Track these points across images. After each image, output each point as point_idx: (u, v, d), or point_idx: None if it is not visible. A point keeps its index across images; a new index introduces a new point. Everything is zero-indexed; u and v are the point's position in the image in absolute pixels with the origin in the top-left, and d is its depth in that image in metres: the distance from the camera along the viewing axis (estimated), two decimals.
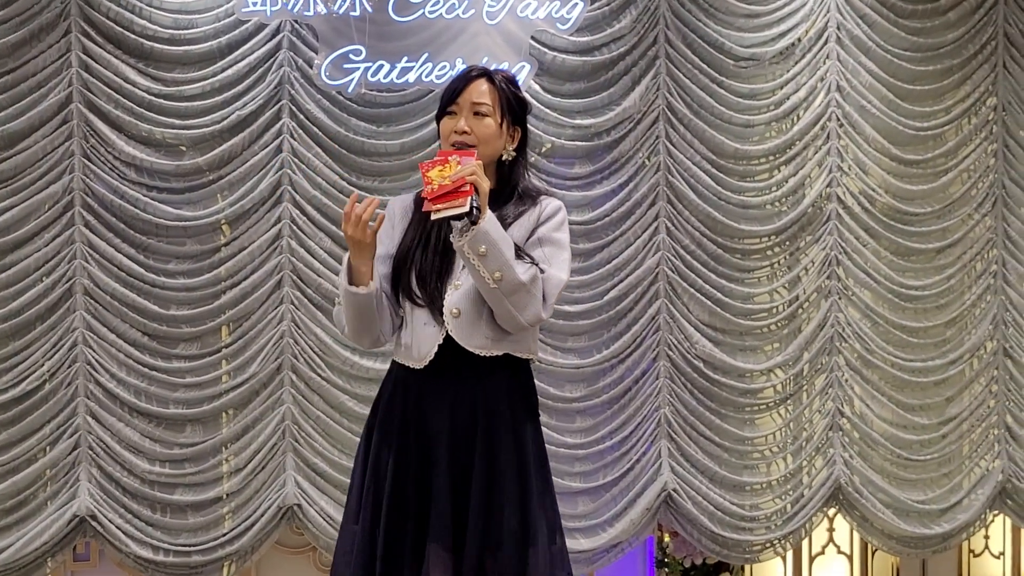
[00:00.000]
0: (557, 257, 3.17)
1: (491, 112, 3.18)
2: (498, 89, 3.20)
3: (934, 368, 5.95)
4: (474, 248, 3.02)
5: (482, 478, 3.15)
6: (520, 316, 3.10)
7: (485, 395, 3.19)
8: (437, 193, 2.99)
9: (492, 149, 3.19)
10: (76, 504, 5.30)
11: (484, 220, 3.01)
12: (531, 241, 3.18)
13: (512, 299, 3.07)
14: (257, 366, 5.42)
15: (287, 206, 5.42)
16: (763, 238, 5.80)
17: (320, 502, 5.45)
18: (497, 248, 3.02)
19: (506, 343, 3.19)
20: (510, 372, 3.23)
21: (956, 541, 6.06)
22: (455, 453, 3.18)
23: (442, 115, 3.22)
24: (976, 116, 5.95)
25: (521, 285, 3.06)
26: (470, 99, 3.17)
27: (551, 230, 3.19)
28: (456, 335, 3.15)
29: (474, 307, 3.15)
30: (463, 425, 3.18)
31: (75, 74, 5.25)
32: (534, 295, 3.09)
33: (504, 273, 3.04)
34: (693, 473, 5.70)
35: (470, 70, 3.24)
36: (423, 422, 3.21)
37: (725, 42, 5.67)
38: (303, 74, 5.39)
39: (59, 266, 5.30)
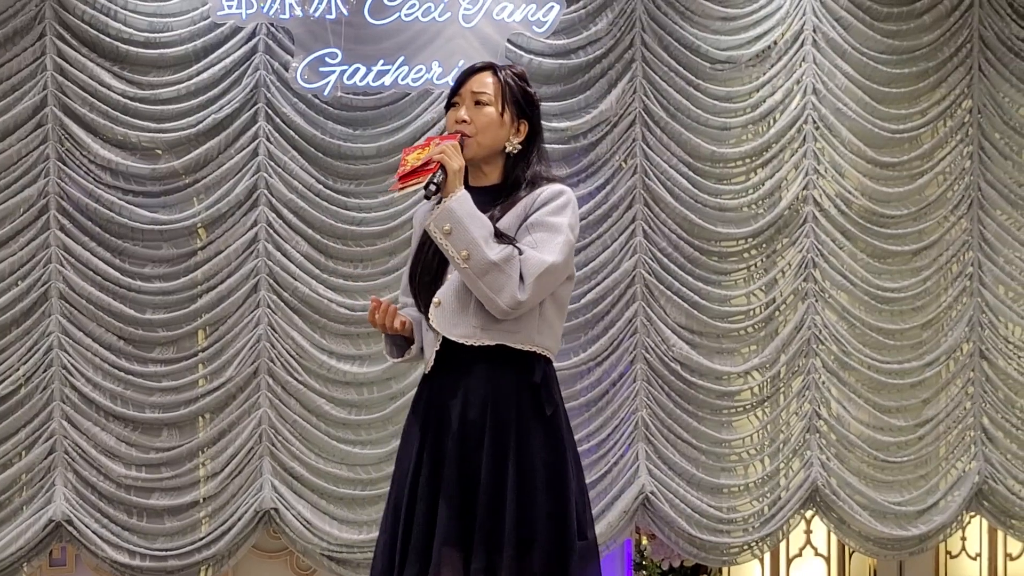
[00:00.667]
0: (549, 241, 3.11)
1: (491, 101, 3.18)
2: (501, 81, 3.21)
3: (910, 370, 5.97)
4: (439, 226, 3.02)
5: (488, 479, 3.14)
6: (497, 298, 3.06)
7: (492, 395, 3.17)
8: (406, 172, 3.04)
9: (492, 138, 3.18)
10: (52, 509, 5.28)
11: (451, 198, 3.02)
12: (522, 228, 3.14)
13: (485, 280, 3.04)
14: (234, 370, 5.41)
15: (263, 210, 5.41)
16: (740, 240, 5.81)
17: (297, 506, 5.44)
18: (462, 225, 3.01)
19: (498, 332, 3.14)
20: (516, 370, 3.20)
21: (933, 542, 6.08)
22: (464, 453, 3.17)
23: (446, 109, 3.24)
24: (952, 119, 5.97)
25: (492, 264, 3.02)
26: (471, 89, 3.19)
27: (545, 214, 3.15)
28: (437, 325, 3.15)
29: (458, 297, 3.14)
30: (471, 425, 3.17)
31: (50, 77, 5.23)
32: (509, 275, 3.04)
33: (471, 251, 3.02)
34: (670, 476, 5.71)
35: (476, 63, 3.26)
36: (440, 423, 3.22)
37: (701, 45, 5.68)
38: (279, 77, 5.38)
39: (34, 270, 5.28)
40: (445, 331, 3.15)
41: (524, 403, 3.20)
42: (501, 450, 3.17)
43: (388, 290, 5.49)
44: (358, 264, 5.53)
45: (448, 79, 5.39)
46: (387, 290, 5.49)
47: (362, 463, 5.53)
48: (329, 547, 5.45)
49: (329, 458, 5.50)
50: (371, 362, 5.52)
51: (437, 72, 5.38)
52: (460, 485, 3.17)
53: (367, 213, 5.48)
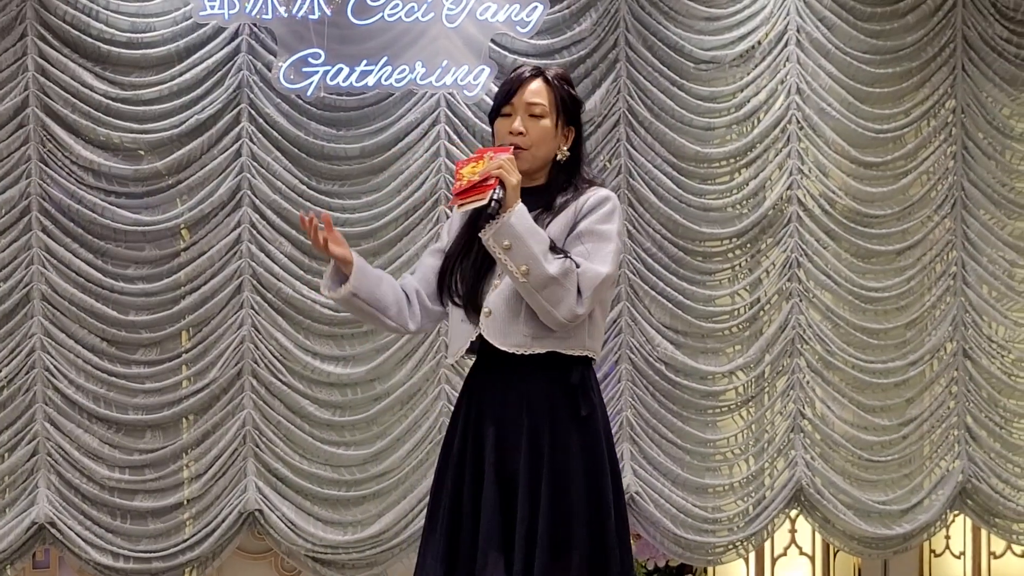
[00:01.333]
0: (600, 251, 3.12)
1: (546, 112, 3.18)
2: (553, 88, 3.19)
3: (894, 369, 5.98)
4: (498, 241, 3.02)
5: (525, 482, 3.16)
6: (555, 311, 3.07)
7: (530, 398, 3.18)
8: (463, 188, 3.02)
9: (547, 150, 3.19)
10: (35, 511, 5.25)
11: (509, 213, 3.00)
12: (572, 236, 3.15)
13: (543, 293, 3.05)
14: (217, 371, 5.40)
15: (247, 210, 5.40)
16: (724, 240, 5.81)
17: (281, 507, 5.43)
18: (522, 241, 3.01)
19: (551, 340, 3.15)
20: (557, 373, 3.20)
21: (917, 541, 6.09)
22: (502, 455, 3.19)
23: (496, 115, 3.22)
24: (935, 119, 5.98)
25: (551, 279, 3.03)
26: (525, 99, 3.17)
27: (594, 222, 3.15)
28: (489, 335, 3.16)
29: (508, 306, 3.15)
30: (510, 427, 3.19)
31: (31, 78, 5.20)
32: (568, 289, 3.05)
33: (531, 266, 3.02)
34: (655, 475, 5.71)
35: (524, 69, 3.23)
36: (479, 424, 3.24)
37: (685, 45, 5.68)
38: (262, 78, 5.37)
39: (16, 271, 5.25)
40: (497, 341, 3.16)
41: (559, 405, 3.21)
42: (537, 452, 3.18)
43: None
44: None
45: (431, 79, 5.39)
46: None
47: (346, 464, 5.51)
48: (313, 548, 5.44)
49: (313, 459, 5.49)
50: (355, 363, 5.51)
51: (420, 72, 5.37)
52: (499, 488, 3.18)
53: (351, 214, 5.47)
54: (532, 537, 3.15)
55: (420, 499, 5.51)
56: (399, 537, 5.52)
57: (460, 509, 3.23)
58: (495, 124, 3.23)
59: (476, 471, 3.23)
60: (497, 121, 3.22)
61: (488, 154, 3.06)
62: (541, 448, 3.18)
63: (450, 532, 3.23)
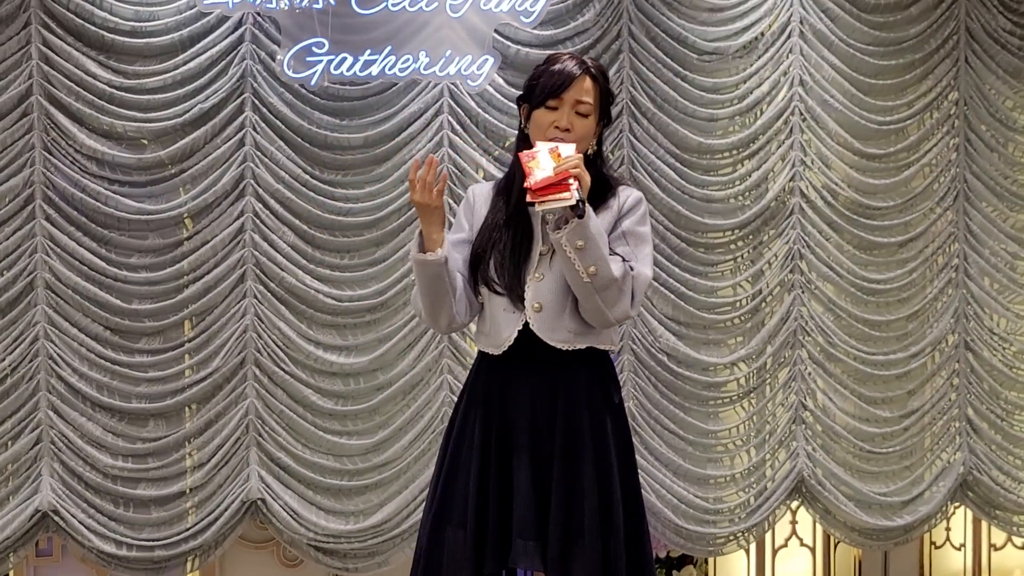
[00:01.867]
0: (641, 252, 3.20)
1: (591, 111, 3.23)
2: (599, 86, 3.25)
3: (896, 361, 5.99)
4: (572, 242, 3.05)
5: (563, 469, 3.20)
6: (609, 312, 3.12)
7: (566, 386, 3.23)
8: (540, 184, 3.01)
9: (585, 146, 3.23)
10: (38, 499, 5.26)
11: (588, 214, 3.04)
12: (615, 235, 3.20)
13: (603, 295, 3.09)
14: (220, 360, 5.40)
15: (250, 200, 5.40)
16: (727, 232, 5.82)
17: (284, 496, 5.44)
18: (595, 242, 3.05)
19: (589, 337, 3.22)
20: (589, 363, 3.26)
21: (918, 533, 6.10)
22: (536, 444, 3.23)
23: (538, 105, 3.22)
24: (938, 111, 5.98)
25: (614, 280, 3.09)
26: (574, 97, 3.20)
27: (635, 223, 3.22)
28: (538, 329, 3.20)
29: (557, 301, 3.19)
30: (543, 416, 3.23)
31: (35, 66, 5.20)
32: (624, 292, 3.12)
33: (599, 268, 3.06)
34: (657, 466, 5.72)
35: (573, 65, 3.23)
36: (505, 412, 3.26)
37: (689, 36, 5.68)
38: (266, 67, 5.36)
39: (20, 260, 5.25)
40: (545, 336, 3.20)
41: (595, 394, 3.25)
42: (574, 440, 3.21)
43: (375, 281, 5.50)
44: (345, 255, 5.51)
45: (435, 69, 5.38)
46: (373, 281, 5.50)
47: (349, 453, 5.52)
48: (316, 537, 5.45)
49: (316, 448, 5.50)
50: (358, 353, 5.51)
51: (424, 62, 5.36)
52: (532, 477, 3.21)
53: (354, 203, 5.47)
54: (569, 522, 3.18)
55: (422, 489, 5.52)
56: (401, 527, 5.52)
57: (486, 498, 3.24)
58: (536, 113, 3.24)
59: (502, 459, 3.24)
60: (539, 112, 3.23)
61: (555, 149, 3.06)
62: (579, 433, 3.21)
63: (477, 521, 3.24)
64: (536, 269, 3.22)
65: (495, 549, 3.25)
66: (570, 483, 3.21)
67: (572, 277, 3.11)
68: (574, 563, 3.22)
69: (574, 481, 3.21)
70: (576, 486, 3.21)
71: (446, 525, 3.31)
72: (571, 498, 3.21)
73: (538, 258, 3.23)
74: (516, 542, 3.21)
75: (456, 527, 3.29)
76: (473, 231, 3.34)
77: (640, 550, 3.35)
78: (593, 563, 3.20)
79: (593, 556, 3.20)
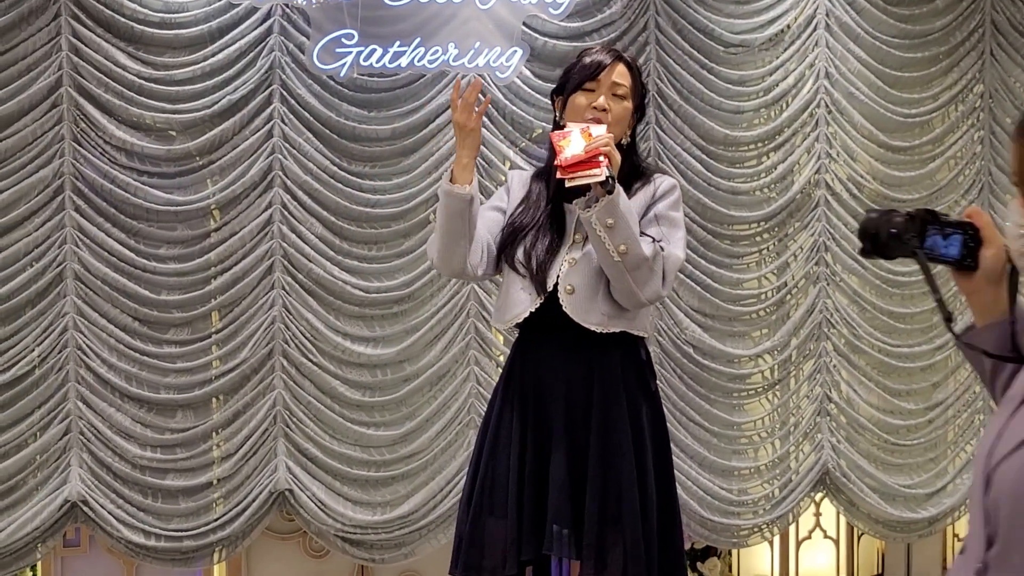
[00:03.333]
0: (673, 235, 3.24)
1: (628, 95, 3.29)
2: (634, 74, 3.32)
3: (921, 354, 6.00)
4: (602, 220, 3.07)
5: (598, 456, 3.21)
6: (640, 292, 3.14)
7: (601, 372, 3.25)
8: (571, 162, 3.04)
9: (620, 132, 3.27)
10: (67, 489, 5.27)
11: (617, 193, 3.06)
12: (647, 218, 3.24)
13: (634, 274, 3.11)
14: (248, 351, 5.41)
15: (278, 191, 5.41)
16: (752, 224, 5.82)
17: (311, 487, 5.45)
18: (624, 220, 3.07)
19: (623, 320, 3.23)
20: (624, 349, 3.27)
21: (941, 525, 6.11)
22: (571, 430, 3.25)
23: (574, 90, 3.28)
24: (963, 103, 5.99)
25: (644, 260, 3.10)
26: (611, 79, 3.26)
27: (667, 208, 3.26)
28: (571, 312, 3.22)
29: (589, 284, 3.21)
30: (578, 402, 3.25)
31: (65, 57, 5.21)
32: (655, 271, 3.14)
33: (629, 246, 3.08)
34: (682, 458, 5.72)
35: (606, 54, 3.31)
36: (541, 399, 3.27)
37: (715, 28, 5.69)
38: (294, 59, 5.37)
39: (49, 251, 5.26)
40: (579, 318, 3.22)
41: (631, 381, 3.28)
42: (610, 427, 3.22)
43: (402, 272, 5.51)
44: (372, 246, 5.52)
45: (464, 61, 5.39)
46: (401, 272, 5.51)
47: (376, 444, 5.54)
48: (343, 528, 5.46)
49: (343, 439, 5.51)
50: (385, 344, 5.52)
51: (453, 54, 5.37)
52: (568, 463, 3.22)
53: (382, 195, 5.48)
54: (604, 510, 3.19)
55: (449, 480, 5.53)
56: (427, 518, 5.54)
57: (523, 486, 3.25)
58: (571, 98, 3.27)
59: (539, 447, 3.25)
60: (576, 95, 3.28)
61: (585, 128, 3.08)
62: (615, 419, 3.22)
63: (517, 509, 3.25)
64: (568, 253, 3.23)
65: (531, 536, 3.26)
66: (605, 470, 3.22)
67: (603, 257, 3.13)
68: (609, 552, 3.22)
69: (609, 468, 3.22)
70: (612, 473, 3.22)
71: (487, 515, 3.32)
72: (607, 486, 3.21)
73: (571, 244, 3.24)
74: (550, 529, 3.22)
75: (498, 517, 3.30)
76: (508, 206, 3.38)
77: (672, 540, 3.36)
78: (628, 552, 3.21)
79: (629, 545, 3.21)
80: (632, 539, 3.21)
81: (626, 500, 3.21)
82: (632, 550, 3.21)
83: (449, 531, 5.50)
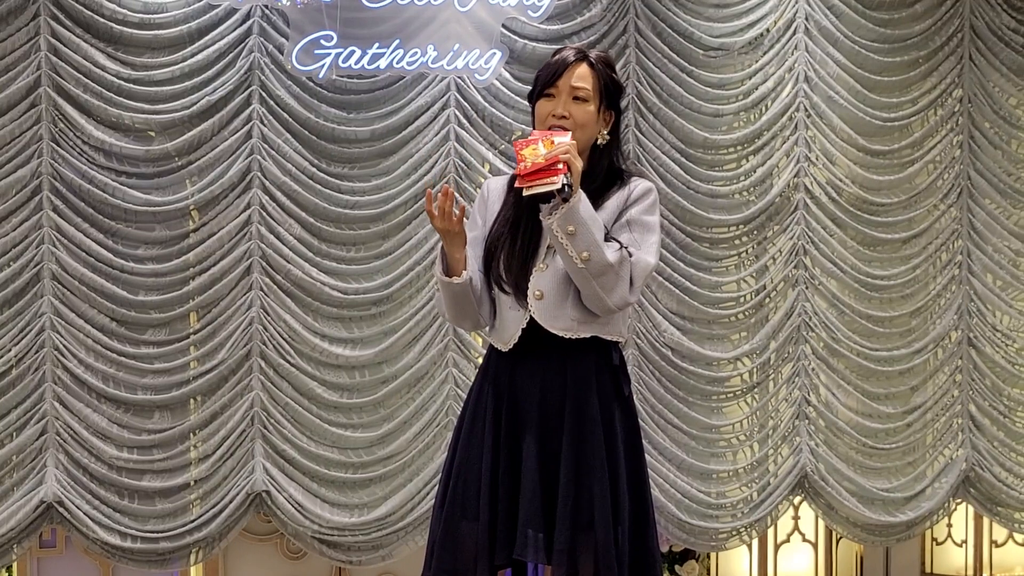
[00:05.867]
0: (646, 240, 3.18)
1: (590, 97, 3.22)
2: (597, 73, 3.24)
3: (899, 357, 6.00)
4: (563, 227, 3.05)
5: (570, 460, 3.20)
6: (607, 298, 3.11)
7: (574, 378, 3.23)
8: (530, 170, 3.03)
9: (589, 134, 3.23)
10: (43, 490, 5.26)
11: (575, 199, 3.04)
12: (619, 223, 3.19)
13: (600, 280, 3.09)
14: (226, 352, 5.40)
15: (256, 192, 5.40)
16: (731, 227, 5.83)
17: (289, 489, 5.44)
18: (586, 227, 3.04)
19: (594, 325, 3.21)
20: (597, 354, 3.25)
21: (920, 529, 6.12)
22: (544, 435, 3.23)
23: (538, 97, 3.25)
24: (942, 108, 6.01)
25: (609, 266, 3.07)
26: (570, 83, 3.21)
27: (641, 212, 3.20)
28: (539, 317, 3.20)
29: (559, 290, 3.19)
30: (552, 407, 3.23)
31: (44, 58, 5.21)
32: (622, 277, 3.10)
33: (592, 253, 3.06)
34: (660, 460, 5.73)
35: (569, 52, 3.27)
36: (514, 404, 3.26)
37: (695, 32, 5.70)
38: (273, 60, 5.37)
39: (27, 251, 5.25)
40: (547, 324, 3.20)
41: (604, 385, 3.25)
42: (583, 432, 3.21)
43: (381, 274, 5.51)
44: (351, 247, 5.52)
45: (443, 63, 5.40)
46: (379, 274, 5.51)
47: (354, 446, 5.53)
48: (320, 530, 5.45)
49: (321, 441, 5.50)
50: (363, 345, 5.52)
51: (432, 56, 5.38)
52: (540, 467, 3.21)
53: (360, 196, 5.48)
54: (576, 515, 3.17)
55: (427, 482, 5.53)
56: (405, 520, 5.53)
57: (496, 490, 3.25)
58: (536, 105, 3.26)
59: (513, 452, 3.24)
60: (539, 102, 3.25)
61: (547, 136, 3.08)
62: (587, 424, 3.21)
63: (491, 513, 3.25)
64: (542, 261, 3.23)
65: (505, 540, 3.25)
66: (578, 475, 3.21)
67: (568, 264, 3.12)
68: (581, 555, 3.22)
69: (581, 473, 3.21)
70: (583, 478, 3.21)
71: (460, 517, 3.31)
72: (579, 490, 3.20)
73: (545, 249, 3.23)
74: (523, 533, 3.21)
75: (471, 520, 3.29)
76: (487, 227, 3.35)
77: (645, 544, 3.34)
78: (600, 556, 3.20)
79: (600, 550, 3.20)
80: (604, 544, 3.20)
81: (598, 505, 3.19)
82: (604, 555, 3.20)
83: (427, 532, 5.50)
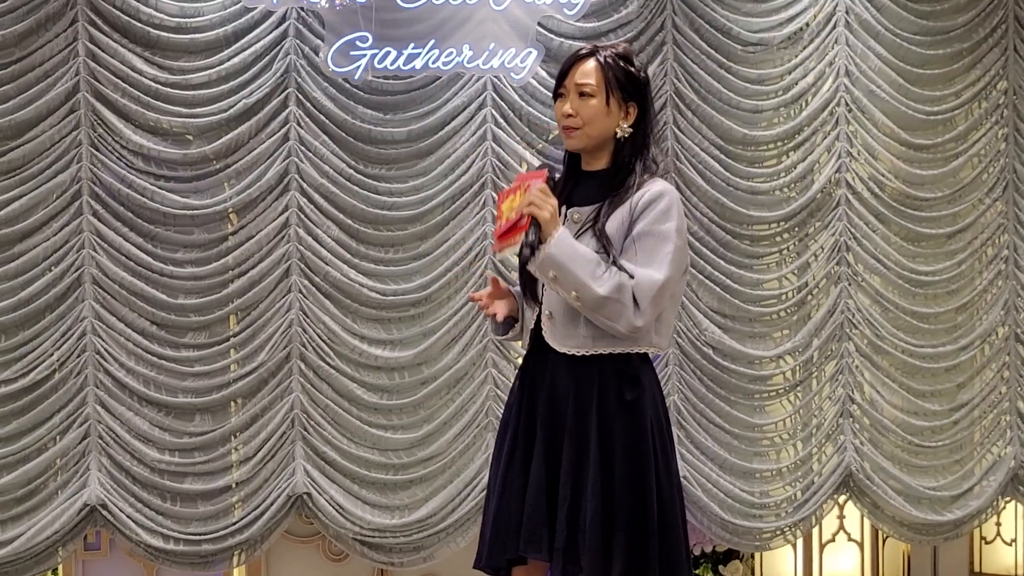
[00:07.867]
0: (656, 253, 3.10)
1: (595, 92, 3.20)
2: (604, 66, 3.21)
3: (945, 354, 5.92)
4: (544, 273, 3.08)
5: (569, 465, 3.21)
6: (616, 325, 3.10)
7: (578, 385, 3.23)
8: (503, 229, 3.07)
9: (600, 128, 3.21)
10: (86, 493, 5.30)
11: (548, 244, 3.04)
12: (628, 239, 3.14)
13: (601, 312, 3.08)
14: (265, 355, 5.41)
15: (294, 194, 5.41)
16: (772, 224, 5.77)
17: (329, 491, 5.45)
18: (566, 270, 3.03)
19: (612, 340, 3.19)
20: (603, 364, 3.23)
21: (968, 528, 6.04)
22: (550, 437, 3.25)
23: (555, 97, 3.29)
24: (986, 100, 5.92)
25: (603, 300, 3.05)
26: (575, 80, 3.22)
27: (649, 224, 3.12)
28: (549, 339, 3.24)
29: (567, 310, 3.20)
30: (559, 411, 3.25)
31: (82, 63, 5.24)
32: (623, 304, 3.06)
33: (580, 291, 3.05)
34: (703, 460, 5.68)
35: (579, 50, 3.28)
36: (530, 405, 3.31)
37: (733, 27, 5.64)
38: (309, 62, 5.38)
39: (67, 255, 5.29)
40: (556, 344, 3.23)
41: (607, 390, 3.22)
42: (581, 436, 3.21)
43: (418, 275, 5.49)
44: (389, 249, 5.52)
45: (478, 62, 5.38)
46: (417, 275, 5.49)
47: (394, 448, 5.52)
48: (361, 532, 5.45)
49: (361, 443, 5.50)
50: (402, 347, 5.51)
51: (468, 55, 5.36)
52: (546, 468, 3.23)
53: (398, 198, 5.47)
54: (574, 518, 3.18)
55: (467, 483, 5.52)
56: (446, 521, 5.52)
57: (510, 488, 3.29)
58: (555, 106, 3.32)
59: (526, 452, 3.27)
60: (556, 104, 3.29)
61: (526, 183, 3.09)
62: (586, 431, 3.21)
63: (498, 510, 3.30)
64: None
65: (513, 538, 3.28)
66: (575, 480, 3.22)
67: (564, 299, 3.16)
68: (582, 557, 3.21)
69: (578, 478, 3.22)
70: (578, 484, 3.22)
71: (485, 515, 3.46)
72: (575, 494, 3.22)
73: None
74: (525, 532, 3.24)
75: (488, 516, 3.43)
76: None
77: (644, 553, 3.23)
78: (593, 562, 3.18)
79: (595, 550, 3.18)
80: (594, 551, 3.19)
81: (591, 511, 3.18)
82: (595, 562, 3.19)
83: (468, 534, 5.51)
